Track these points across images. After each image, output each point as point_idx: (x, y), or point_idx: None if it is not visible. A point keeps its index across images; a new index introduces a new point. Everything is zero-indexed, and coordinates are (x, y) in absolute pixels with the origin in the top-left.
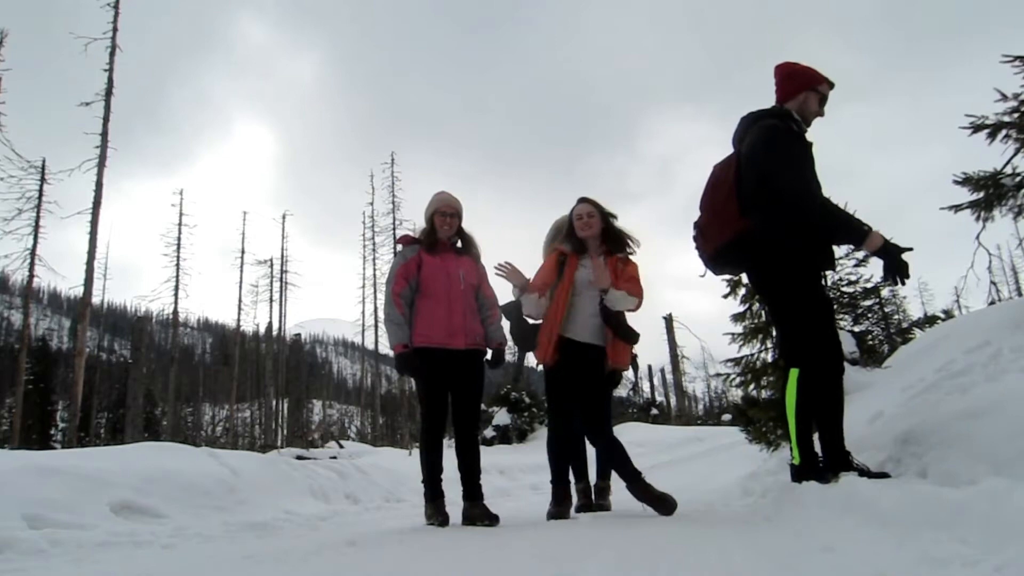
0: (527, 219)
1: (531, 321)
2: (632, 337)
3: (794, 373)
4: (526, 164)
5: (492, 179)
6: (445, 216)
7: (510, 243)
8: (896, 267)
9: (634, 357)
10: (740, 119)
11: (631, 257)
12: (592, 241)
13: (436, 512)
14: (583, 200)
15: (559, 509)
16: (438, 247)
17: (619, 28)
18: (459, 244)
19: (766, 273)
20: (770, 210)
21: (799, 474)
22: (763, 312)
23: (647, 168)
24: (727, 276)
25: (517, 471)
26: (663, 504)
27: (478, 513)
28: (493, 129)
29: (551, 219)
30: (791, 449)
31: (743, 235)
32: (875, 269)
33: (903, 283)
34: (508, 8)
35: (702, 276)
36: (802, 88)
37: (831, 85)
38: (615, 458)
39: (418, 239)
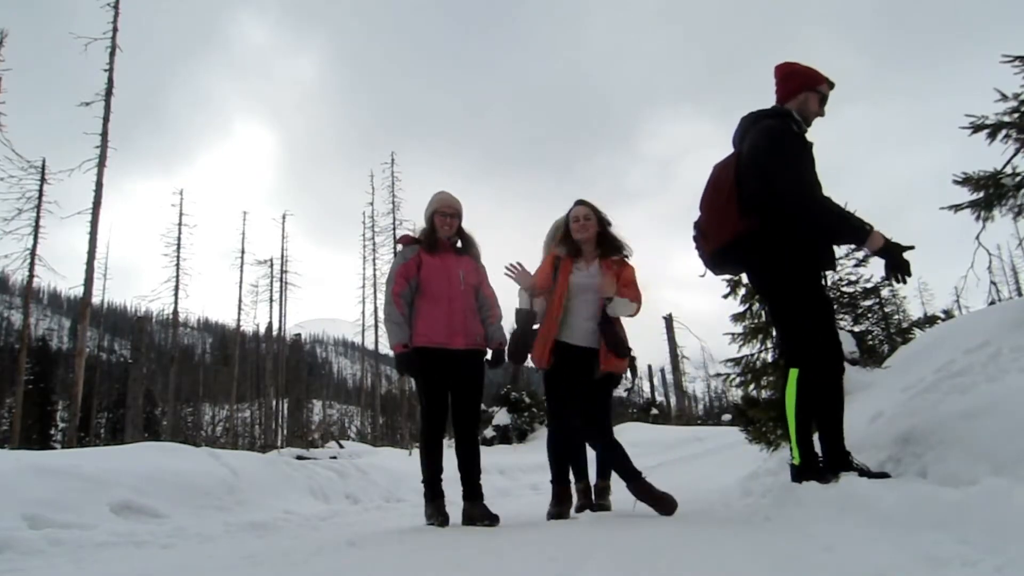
0: (527, 219)
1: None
2: (623, 351)
3: (793, 373)
4: (526, 164)
5: (492, 179)
6: (445, 216)
7: (510, 243)
8: (897, 265)
9: (632, 360)
10: (740, 119)
11: (627, 260)
12: (587, 245)
13: (436, 512)
14: (580, 203)
15: (559, 509)
16: (438, 247)
17: (620, 28)
18: (459, 244)
19: (767, 273)
20: (771, 211)
21: (799, 474)
22: (763, 312)
23: (647, 168)
24: (727, 276)
25: (517, 471)
26: (663, 504)
27: (478, 513)
28: (493, 129)
29: (551, 220)
30: (791, 449)
31: (743, 235)
32: (875, 269)
33: (904, 282)
34: (509, 8)
35: (702, 276)
36: (802, 88)
37: (831, 85)
38: (615, 459)
39: (418, 239)
